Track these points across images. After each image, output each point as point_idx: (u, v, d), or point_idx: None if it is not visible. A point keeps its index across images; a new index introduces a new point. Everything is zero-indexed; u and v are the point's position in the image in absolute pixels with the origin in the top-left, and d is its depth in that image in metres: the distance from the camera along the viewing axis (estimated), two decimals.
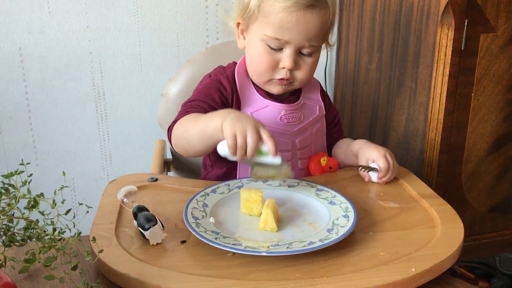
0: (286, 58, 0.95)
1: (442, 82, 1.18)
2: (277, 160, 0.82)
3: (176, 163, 1.35)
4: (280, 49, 0.95)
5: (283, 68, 0.96)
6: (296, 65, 0.96)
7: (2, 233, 0.65)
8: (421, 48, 1.23)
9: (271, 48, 0.95)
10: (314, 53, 0.97)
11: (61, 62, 1.54)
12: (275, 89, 1.00)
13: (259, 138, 0.81)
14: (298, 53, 0.96)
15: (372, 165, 0.97)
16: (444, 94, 1.18)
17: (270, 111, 1.01)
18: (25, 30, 1.48)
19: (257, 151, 0.82)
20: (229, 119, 0.82)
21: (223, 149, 0.84)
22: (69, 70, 1.55)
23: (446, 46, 1.15)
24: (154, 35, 1.59)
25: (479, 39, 1.16)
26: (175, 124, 0.94)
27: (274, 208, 0.81)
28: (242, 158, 0.82)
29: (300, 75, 0.98)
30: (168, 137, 0.97)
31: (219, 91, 1.00)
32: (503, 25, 1.17)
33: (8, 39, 1.48)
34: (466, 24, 1.13)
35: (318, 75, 1.47)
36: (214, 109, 0.97)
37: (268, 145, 0.81)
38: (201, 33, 1.63)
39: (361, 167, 0.98)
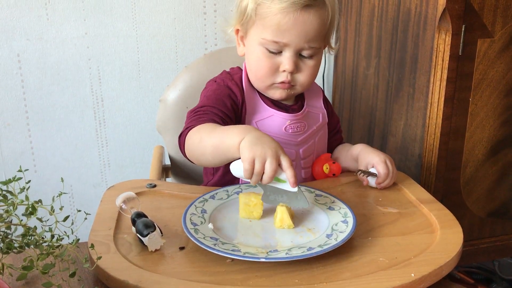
0: (286, 60, 0.93)
1: (440, 87, 1.18)
2: (294, 189, 0.77)
3: (175, 169, 1.35)
4: (279, 52, 0.94)
5: (284, 71, 0.95)
6: (296, 68, 0.95)
7: (0, 240, 0.65)
8: (419, 53, 1.24)
9: (270, 52, 0.94)
10: (315, 55, 0.96)
11: (59, 69, 1.54)
12: (277, 93, 0.98)
13: (278, 165, 0.76)
14: (298, 55, 0.95)
15: (372, 170, 0.97)
16: (442, 99, 1.18)
17: (275, 120, 1.00)
18: (23, 36, 1.48)
19: (274, 178, 0.77)
20: (248, 140, 0.77)
21: (237, 170, 0.79)
22: (67, 77, 1.55)
23: (444, 51, 1.16)
24: (152, 41, 1.59)
25: (477, 44, 1.16)
26: (190, 132, 0.89)
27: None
28: (256, 182, 0.77)
29: (301, 78, 0.96)
30: (179, 144, 0.93)
31: (230, 98, 0.97)
32: (500, 30, 1.17)
33: (7, 45, 1.48)
34: (463, 29, 1.14)
35: (316, 80, 1.47)
36: (226, 115, 0.95)
37: (287, 175, 0.76)
38: (199, 39, 1.63)
39: (360, 172, 0.97)
